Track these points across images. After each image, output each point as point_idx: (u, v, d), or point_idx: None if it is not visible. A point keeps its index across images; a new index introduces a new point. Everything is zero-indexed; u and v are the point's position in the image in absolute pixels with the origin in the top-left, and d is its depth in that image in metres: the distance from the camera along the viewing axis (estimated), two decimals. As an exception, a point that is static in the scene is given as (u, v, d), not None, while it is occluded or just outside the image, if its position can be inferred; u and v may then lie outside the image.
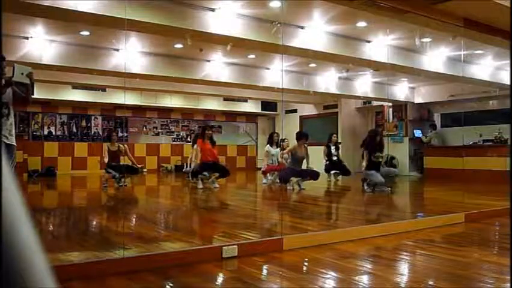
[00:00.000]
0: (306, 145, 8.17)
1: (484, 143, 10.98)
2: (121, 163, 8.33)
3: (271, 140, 9.71)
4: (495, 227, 4.69)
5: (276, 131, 11.19)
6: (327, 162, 9.89)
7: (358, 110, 14.06)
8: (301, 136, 8.18)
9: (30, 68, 3.51)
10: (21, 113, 12.40)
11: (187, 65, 9.11)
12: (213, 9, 5.91)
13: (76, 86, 11.49)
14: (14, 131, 3.56)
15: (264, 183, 9.31)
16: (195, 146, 8.91)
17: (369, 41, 7.63)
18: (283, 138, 9.49)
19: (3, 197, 0.49)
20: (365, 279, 2.71)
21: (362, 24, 6.77)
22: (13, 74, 3.39)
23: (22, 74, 3.43)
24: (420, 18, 5.35)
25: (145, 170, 13.53)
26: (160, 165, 14.46)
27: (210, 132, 8.82)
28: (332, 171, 9.92)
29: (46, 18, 5.97)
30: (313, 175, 8.13)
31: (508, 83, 9.23)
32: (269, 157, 9.47)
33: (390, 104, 12.84)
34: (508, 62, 8.76)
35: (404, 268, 3.06)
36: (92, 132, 13.71)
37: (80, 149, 13.40)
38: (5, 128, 3.40)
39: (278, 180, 8.45)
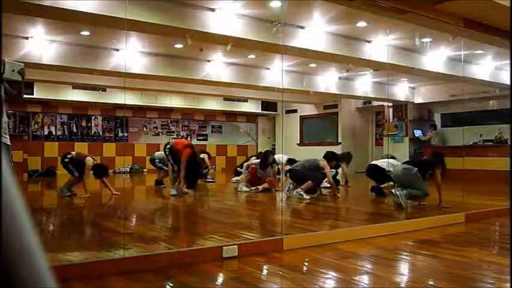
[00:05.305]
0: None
1: (484, 143, 10.99)
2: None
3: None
4: (495, 227, 4.69)
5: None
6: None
7: (358, 110, 14.07)
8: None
9: (22, 64, 3.26)
10: (21, 113, 12.41)
11: (187, 65, 9.11)
12: (213, 9, 5.90)
13: (76, 86, 11.48)
14: (7, 130, 3.34)
15: None
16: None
17: (369, 41, 7.63)
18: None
19: (3, 197, 0.49)
20: (365, 279, 2.71)
21: (362, 24, 6.77)
22: (3, 70, 3.13)
23: (13, 70, 3.16)
24: (420, 18, 5.35)
25: (145, 170, 13.53)
26: (160, 165, 14.44)
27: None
28: None
29: (46, 18, 5.97)
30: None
31: (508, 83, 9.24)
32: None
33: (391, 104, 12.85)
34: (508, 62, 8.77)
35: (404, 268, 3.06)
36: (92, 132, 13.70)
37: (81, 149, 13.35)
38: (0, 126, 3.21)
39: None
